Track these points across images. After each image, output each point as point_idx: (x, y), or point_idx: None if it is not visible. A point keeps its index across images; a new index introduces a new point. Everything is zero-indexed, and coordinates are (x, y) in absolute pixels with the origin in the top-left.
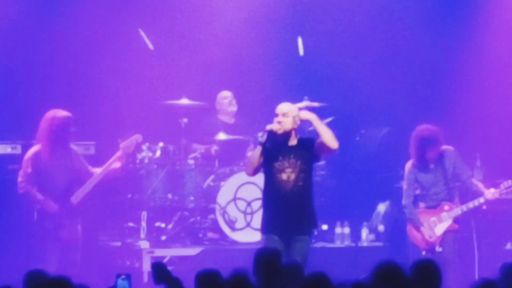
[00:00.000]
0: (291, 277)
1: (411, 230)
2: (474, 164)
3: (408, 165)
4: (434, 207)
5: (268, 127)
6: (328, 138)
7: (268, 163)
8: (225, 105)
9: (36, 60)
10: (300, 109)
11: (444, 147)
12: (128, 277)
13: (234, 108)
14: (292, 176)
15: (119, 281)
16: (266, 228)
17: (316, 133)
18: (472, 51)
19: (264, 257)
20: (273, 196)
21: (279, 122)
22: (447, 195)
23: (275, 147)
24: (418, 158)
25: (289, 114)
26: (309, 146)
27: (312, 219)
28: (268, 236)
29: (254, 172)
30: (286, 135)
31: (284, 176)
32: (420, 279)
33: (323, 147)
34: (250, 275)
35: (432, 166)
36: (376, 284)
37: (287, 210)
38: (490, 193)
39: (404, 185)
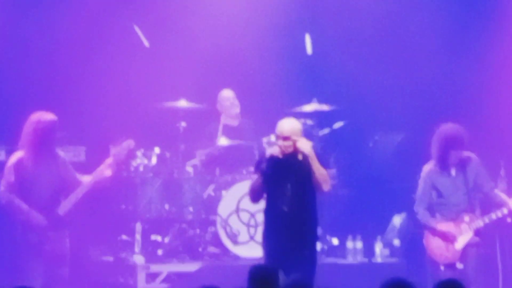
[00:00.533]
0: None
1: (428, 242)
2: (497, 173)
3: (426, 168)
4: (453, 219)
5: (268, 153)
6: (321, 179)
7: (269, 185)
8: (227, 107)
9: (22, 59)
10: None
11: (467, 154)
12: None
13: (237, 109)
14: (293, 199)
15: None
16: (267, 244)
17: (326, 147)
18: (495, 53)
19: (259, 274)
20: (273, 212)
21: (279, 147)
22: (468, 206)
23: (275, 169)
24: (440, 159)
25: (291, 138)
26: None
27: (315, 233)
28: (269, 252)
29: (258, 201)
30: (288, 154)
31: (284, 199)
32: None
33: (315, 184)
34: None
35: (453, 171)
36: None
37: (280, 233)
38: (510, 202)
39: (419, 189)
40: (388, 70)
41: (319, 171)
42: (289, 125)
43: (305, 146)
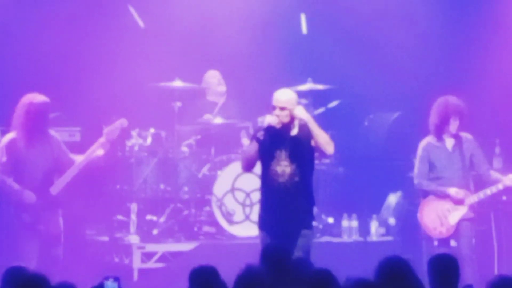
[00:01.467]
0: (299, 274)
1: (423, 216)
2: (493, 151)
3: (423, 143)
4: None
5: (266, 122)
6: (324, 141)
7: (264, 155)
8: (214, 84)
9: (15, 40)
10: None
11: (463, 134)
12: (117, 279)
13: (223, 88)
14: (288, 170)
15: (107, 283)
16: (262, 224)
17: (321, 126)
18: (490, 29)
19: (273, 254)
20: (268, 190)
21: (276, 116)
22: (462, 181)
23: (272, 139)
24: (438, 128)
25: (287, 107)
26: (308, 135)
27: (310, 212)
28: (263, 233)
29: (249, 169)
30: (285, 125)
31: (279, 170)
32: (437, 277)
33: (317, 150)
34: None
35: (450, 146)
36: (381, 283)
37: (283, 206)
38: (509, 179)
39: (417, 164)
40: (382, 49)
41: (321, 134)
42: (285, 95)
43: (302, 112)
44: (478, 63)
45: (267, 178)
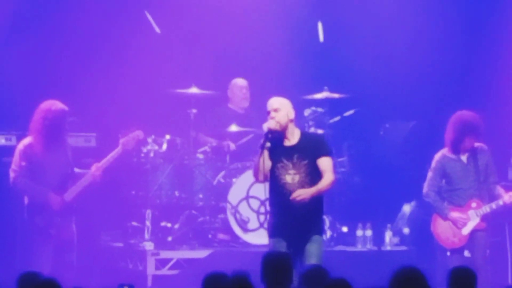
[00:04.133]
0: (315, 283)
1: (436, 226)
2: (508, 161)
3: (438, 155)
4: (461, 205)
5: (265, 126)
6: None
7: (272, 164)
8: (239, 97)
9: (34, 46)
10: None
11: (478, 144)
12: (131, 287)
13: (247, 103)
14: (297, 178)
15: None
16: (273, 232)
17: (337, 135)
18: (507, 39)
19: (273, 261)
20: (278, 199)
21: (272, 118)
22: (476, 192)
23: (276, 148)
24: (454, 144)
25: (281, 108)
26: (313, 148)
27: (321, 218)
28: (275, 240)
29: (265, 179)
30: (283, 132)
31: (288, 178)
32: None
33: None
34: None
35: (464, 158)
36: None
37: (293, 214)
38: (509, 197)
39: (430, 173)
40: (399, 58)
41: (323, 190)
42: (277, 99)
43: (282, 118)
44: (494, 73)
45: (277, 187)
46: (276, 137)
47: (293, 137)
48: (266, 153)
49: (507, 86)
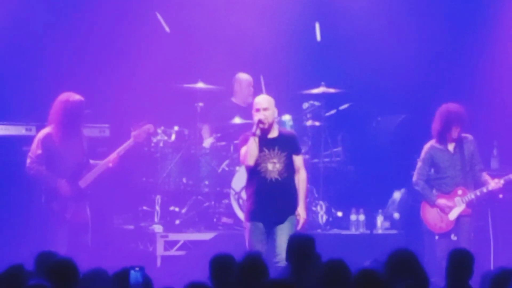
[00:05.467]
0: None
1: (424, 212)
2: (491, 152)
3: (427, 146)
4: (448, 192)
5: (257, 118)
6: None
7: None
8: (244, 93)
9: (52, 41)
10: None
11: (464, 134)
12: (141, 269)
13: (250, 98)
14: (277, 166)
15: (132, 272)
16: (253, 216)
17: (333, 127)
18: (490, 36)
19: (298, 244)
20: (258, 185)
21: (263, 116)
22: (462, 180)
23: (260, 140)
24: (441, 134)
25: (269, 107)
26: (290, 143)
27: (296, 201)
28: (253, 223)
29: (254, 163)
30: (269, 127)
31: (270, 166)
32: (456, 267)
33: None
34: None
35: (451, 148)
36: (392, 271)
37: (274, 198)
38: (495, 183)
39: (419, 163)
40: (390, 55)
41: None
42: (265, 98)
43: (270, 116)
44: (479, 70)
45: (258, 173)
46: (261, 130)
47: (274, 132)
48: (257, 140)
49: (489, 81)
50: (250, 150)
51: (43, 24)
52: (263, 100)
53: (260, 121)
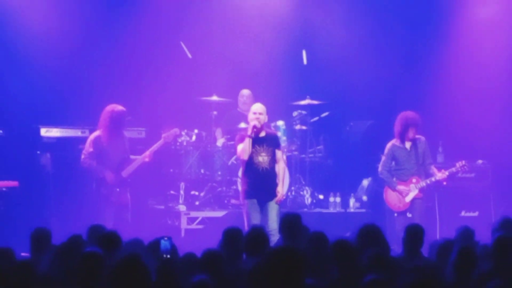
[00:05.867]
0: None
1: (387, 195)
2: (437, 149)
3: (389, 144)
4: (405, 180)
5: (252, 123)
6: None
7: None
8: (245, 103)
9: (102, 63)
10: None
11: (418, 136)
12: (169, 239)
13: (248, 106)
14: (265, 159)
15: (162, 241)
16: (250, 195)
17: (316, 130)
18: (438, 56)
19: (287, 220)
20: (252, 172)
21: (257, 119)
22: (416, 171)
23: (253, 139)
24: (400, 135)
25: (262, 113)
26: (274, 141)
27: (276, 185)
28: (250, 200)
29: (249, 156)
30: (260, 129)
31: (260, 159)
32: (411, 238)
33: None
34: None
35: (408, 146)
36: (361, 241)
37: (264, 182)
38: (440, 175)
39: (383, 157)
40: (360, 74)
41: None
42: (260, 105)
43: (262, 120)
44: (429, 85)
45: (252, 164)
46: (255, 132)
47: (263, 132)
48: (250, 140)
49: (437, 94)
50: (245, 148)
51: (96, 51)
52: (259, 107)
53: (254, 126)
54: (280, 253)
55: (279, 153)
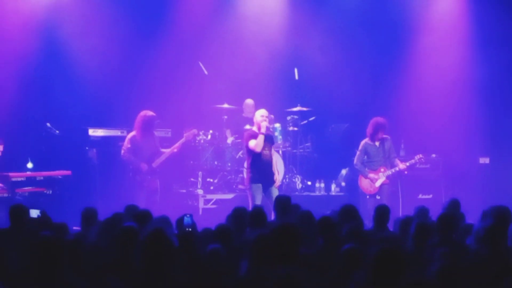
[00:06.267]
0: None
1: (361, 182)
2: (400, 146)
3: (362, 142)
4: (375, 170)
5: (264, 123)
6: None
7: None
8: (248, 110)
9: (138, 78)
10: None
11: (385, 136)
12: (191, 215)
13: (250, 114)
14: (268, 152)
15: (185, 217)
16: (256, 180)
17: (305, 131)
18: (398, 74)
19: (280, 201)
20: (260, 162)
21: (266, 120)
22: (383, 163)
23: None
24: (371, 135)
25: (268, 116)
26: (271, 139)
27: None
28: (256, 185)
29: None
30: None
31: (265, 152)
32: (379, 215)
33: None
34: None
35: (377, 144)
36: (341, 218)
37: (266, 170)
38: (402, 166)
39: (358, 152)
40: (339, 87)
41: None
42: (265, 110)
43: (269, 122)
44: (393, 96)
45: (260, 157)
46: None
47: (266, 131)
48: (263, 136)
49: (399, 101)
50: (260, 143)
51: (132, 67)
52: (265, 112)
53: (267, 126)
54: (282, 227)
55: (273, 148)
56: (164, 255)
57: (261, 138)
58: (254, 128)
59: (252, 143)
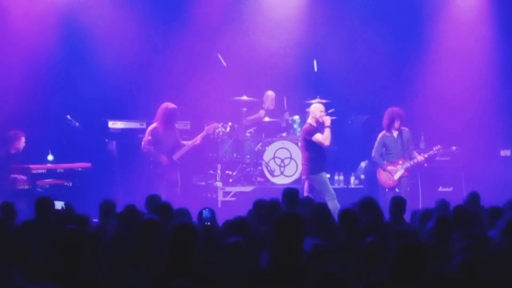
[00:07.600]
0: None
1: (379, 175)
2: (420, 138)
3: (381, 134)
4: (393, 162)
5: (328, 118)
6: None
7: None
8: (268, 102)
9: (159, 70)
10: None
11: (403, 127)
12: (210, 209)
13: (271, 106)
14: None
15: (204, 211)
16: (322, 169)
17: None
18: (419, 64)
19: (287, 193)
20: (324, 153)
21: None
22: (402, 155)
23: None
24: (388, 126)
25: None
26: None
27: None
28: (324, 173)
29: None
30: None
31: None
32: (396, 207)
33: None
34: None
35: (395, 135)
36: (361, 210)
37: (328, 159)
38: (420, 157)
39: (376, 144)
40: (359, 79)
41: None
42: (322, 105)
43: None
44: (412, 85)
45: (323, 148)
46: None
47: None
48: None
49: (420, 92)
50: (329, 136)
51: (153, 61)
52: (323, 107)
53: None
54: (286, 216)
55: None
56: (190, 245)
57: (329, 131)
58: (312, 122)
59: (319, 137)
